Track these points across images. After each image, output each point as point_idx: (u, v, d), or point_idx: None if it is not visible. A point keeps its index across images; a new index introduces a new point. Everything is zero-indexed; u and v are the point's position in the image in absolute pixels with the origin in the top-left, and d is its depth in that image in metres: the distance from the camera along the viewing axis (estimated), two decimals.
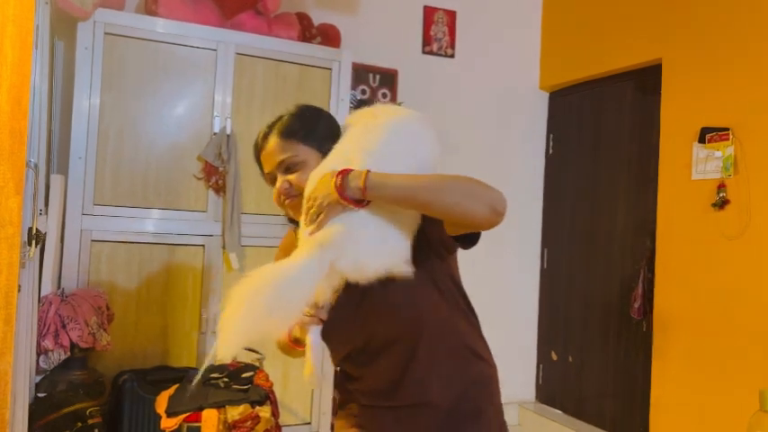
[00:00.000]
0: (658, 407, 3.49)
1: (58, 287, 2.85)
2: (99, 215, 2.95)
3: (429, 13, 4.19)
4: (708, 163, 3.21)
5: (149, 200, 3.06)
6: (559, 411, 4.30)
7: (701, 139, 3.23)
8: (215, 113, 3.16)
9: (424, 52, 4.19)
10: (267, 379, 2.73)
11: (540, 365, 4.52)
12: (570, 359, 4.27)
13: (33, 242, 1.88)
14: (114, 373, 2.90)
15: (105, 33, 2.95)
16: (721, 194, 3.12)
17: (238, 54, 3.21)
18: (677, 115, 3.45)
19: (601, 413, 4.00)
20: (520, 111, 4.52)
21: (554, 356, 4.40)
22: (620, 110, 3.99)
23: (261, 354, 2.92)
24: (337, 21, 3.77)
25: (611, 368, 3.95)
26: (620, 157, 3.97)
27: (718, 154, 3.14)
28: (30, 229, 1.86)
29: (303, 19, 3.58)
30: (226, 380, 2.71)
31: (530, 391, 4.54)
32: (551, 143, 4.53)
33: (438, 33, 4.21)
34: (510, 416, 4.44)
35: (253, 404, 2.58)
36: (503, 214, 1.26)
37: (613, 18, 3.92)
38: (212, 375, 2.74)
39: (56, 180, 2.85)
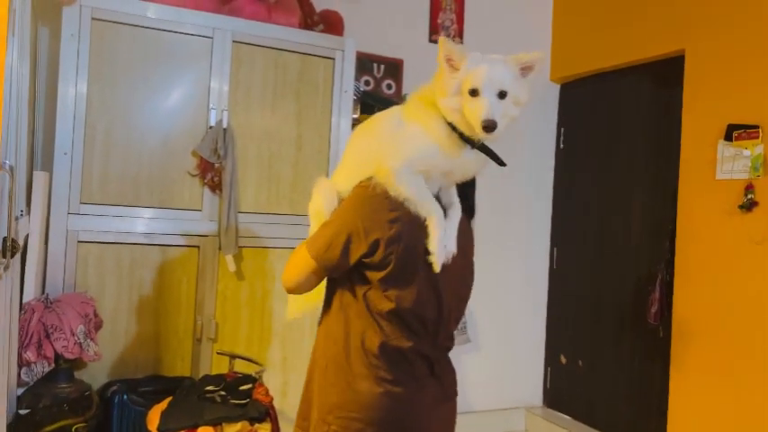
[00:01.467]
0: (676, 418, 3.33)
1: (42, 293, 2.65)
2: (86, 214, 2.75)
3: (437, 0, 3.98)
4: (735, 162, 3.03)
5: (140, 198, 2.86)
6: (568, 417, 4.15)
7: (728, 137, 3.05)
8: (211, 105, 2.95)
9: (431, 41, 3.98)
10: (267, 393, 2.55)
11: (548, 369, 4.36)
12: (580, 363, 4.11)
13: (9, 253, 1.68)
14: (102, 384, 2.72)
15: (92, 19, 2.73)
16: (749, 196, 2.95)
17: (236, 42, 3.00)
18: (701, 111, 3.26)
19: (612, 420, 3.84)
20: (529, 103, 4.31)
21: (563, 360, 4.24)
22: (638, 104, 3.80)
23: (261, 366, 2.74)
24: (340, 7, 3.56)
25: (623, 374, 3.79)
26: (637, 154, 3.78)
27: (747, 153, 2.96)
28: (4, 240, 1.67)
29: (304, 5, 3.36)
30: (222, 393, 2.53)
31: (537, 396, 4.38)
32: (563, 137, 4.34)
33: (446, 21, 4.00)
34: (516, 420, 4.32)
35: (251, 421, 2.42)
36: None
37: (631, 5, 3.71)
38: (208, 388, 2.56)
39: (39, 177, 2.65)
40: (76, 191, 2.74)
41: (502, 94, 1.42)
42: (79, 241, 2.74)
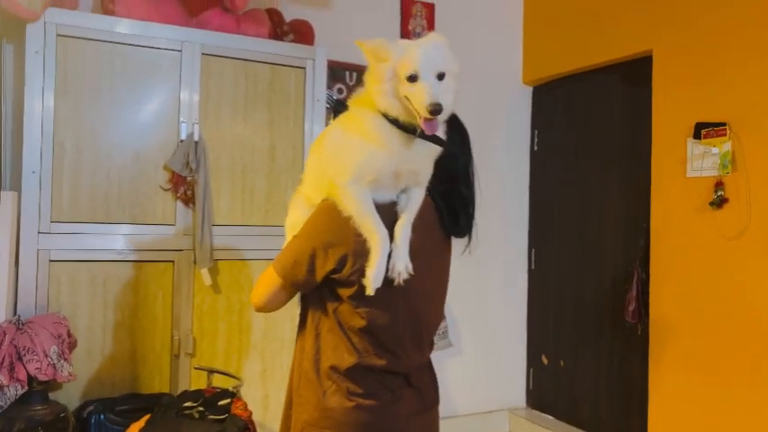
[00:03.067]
0: (657, 414, 3.36)
1: (14, 314, 2.61)
2: (57, 233, 2.72)
3: (407, 6, 3.99)
4: (704, 160, 3.07)
5: (112, 214, 2.83)
6: (551, 417, 4.17)
7: (697, 135, 3.08)
8: (181, 119, 2.93)
9: None
10: (245, 408, 2.53)
11: (531, 370, 4.37)
12: (562, 363, 4.13)
13: None
14: (79, 405, 2.68)
15: (57, 35, 2.70)
16: (719, 193, 2.98)
17: (205, 54, 2.98)
18: (670, 110, 3.30)
19: (595, 419, 3.86)
20: (503, 106, 4.35)
21: (545, 360, 4.26)
22: (609, 104, 3.83)
23: (239, 380, 2.72)
24: (310, 16, 3.55)
25: (604, 373, 3.82)
26: (610, 154, 3.82)
27: (715, 150, 3.00)
28: None
29: (274, 15, 3.35)
30: (201, 409, 2.50)
31: (520, 397, 4.40)
32: (536, 139, 4.37)
33: (416, 27, 4.01)
34: (500, 423, 4.32)
35: None
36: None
37: (600, 7, 3.75)
38: (186, 405, 2.53)
39: (7, 197, 2.61)
40: (46, 210, 2.70)
41: (440, 76, 1.38)
42: (51, 260, 2.70)
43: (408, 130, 1.41)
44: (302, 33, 3.41)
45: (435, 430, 1.65)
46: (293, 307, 1.72)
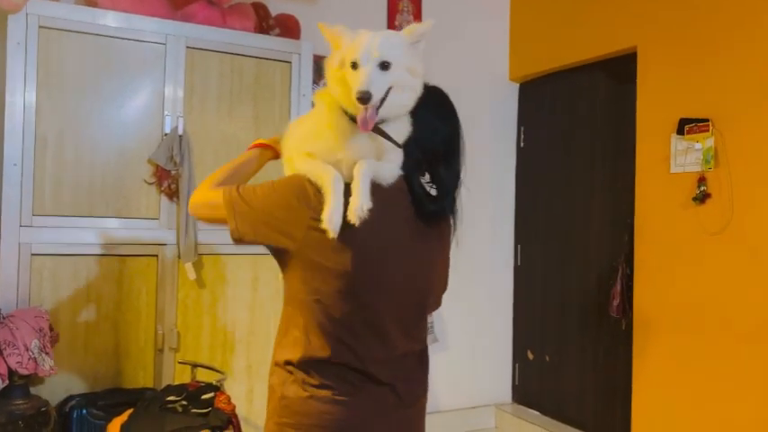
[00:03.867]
0: (640, 407, 3.38)
1: None
2: (39, 227, 2.69)
3: (393, 1, 3.99)
4: (687, 155, 3.09)
5: (96, 208, 2.81)
6: (537, 412, 4.18)
7: (680, 131, 3.11)
8: (165, 112, 2.92)
9: None
10: (229, 401, 2.52)
11: (516, 365, 4.39)
12: (547, 358, 4.15)
13: None
14: (61, 400, 2.66)
15: (40, 27, 2.68)
16: (702, 188, 3.01)
17: (189, 48, 2.97)
18: (654, 106, 3.32)
19: (580, 414, 3.88)
20: (489, 103, 4.36)
21: (530, 356, 4.28)
22: (594, 100, 3.85)
23: (222, 373, 2.71)
24: (296, 10, 3.54)
25: (590, 368, 3.84)
26: (595, 150, 3.84)
27: (698, 146, 3.02)
28: None
29: (259, 9, 3.34)
30: (184, 403, 2.50)
31: (506, 392, 4.41)
32: (523, 135, 4.38)
33: (403, 23, 4.01)
34: (486, 418, 4.33)
35: (213, 430, 2.38)
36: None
37: (585, 5, 3.77)
38: (169, 398, 2.52)
39: None
40: (28, 203, 2.68)
41: (384, 65, 1.32)
42: (33, 254, 2.68)
43: (355, 120, 1.36)
44: (288, 28, 3.41)
45: (415, 429, 1.56)
46: (279, 302, 1.70)
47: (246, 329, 3.09)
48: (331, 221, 1.31)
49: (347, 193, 1.34)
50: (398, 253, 1.43)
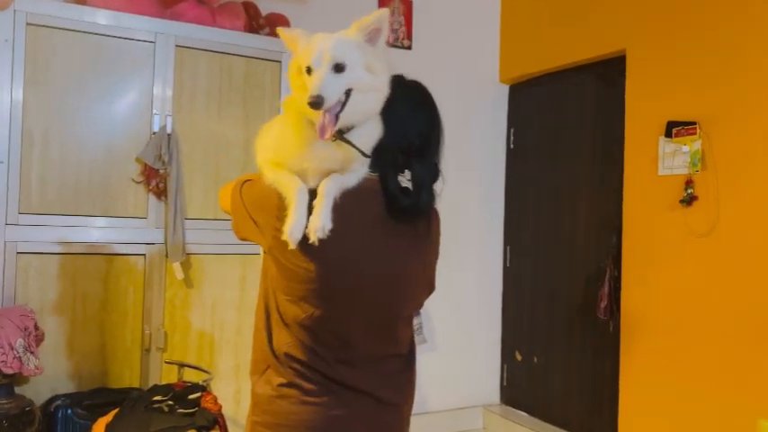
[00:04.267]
0: (627, 409, 3.40)
1: None
2: (25, 225, 2.68)
3: (384, 2, 3.99)
4: (675, 158, 3.11)
5: (83, 206, 2.79)
6: (525, 413, 4.19)
7: (668, 134, 3.12)
8: (154, 111, 2.90)
9: None
10: (215, 401, 2.51)
11: (505, 366, 4.40)
12: (535, 360, 4.16)
13: None
14: (46, 399, 2.64)
15: (27, 24, 2.66)
16: (689, 191, 3.03)
17: (179, 46, 2.96)
18: (642, 108, 3.34)
19: (567, 415, 3.90)
20: (479, 104, 4.37)
21: (518, 357, 4.29)
22: (583, 103, 3.87)
23: (209, 373, 2.70)
24: (286, 10, 3.54)
25: (577, 369, 3.85)
26: (584, 152, 3.85)
27: (686, 149, 3.04)
28: None
29: (249, 8, 3.33)
30: (170, 403, 2.49)
31: (494, 393, 4.42)
32: (512, 137, 4.40)
33: (394, 24, 4.02)
34: (474, 419, 4.34)
35: (200, 430, 2.38)
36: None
37: (575, 8, 3.79)
38: (155, 398, 2.52)
39: None
40: (14, 200, 2.66)
41: (338, 67, 1.27)
42: (18, 252, 2.66)
43: None
44: (278, 27, 3.39)
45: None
46: None
47: (234, 330, 3.08)
48: (291, 234, 1.28)
49: (311, 204, 1.31)
50: (368, 256, 1.38)
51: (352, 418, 1.40)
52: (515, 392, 4.32)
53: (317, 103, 1.23)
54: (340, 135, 1.32)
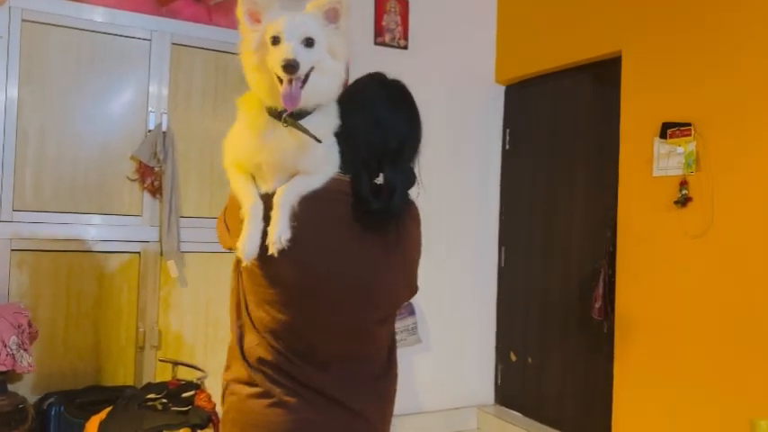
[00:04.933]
0: (621, 409, 3.40)
1: None
2: (20, 222, 2.67)
3: (381, 1, 3.99)
4: (670, 159, 3.11)
5: (78, 204, 2.79)
6: (519, 414, 4.19)
7: (663, 135, 3.13)
8: (150, 109, 2.91)
9: (376, 43, 3.99)
10: (209, 400, 2.51)
11: (499, 366, 4.40)
12: (530, 360, 4.16)
13: None
14: (39, 397, 2.64)
15: (23, 20, 2.66)
16: (684, 192, 3.03)
17: (175, 44, 2.96)
18: (637, 110, 3.35)
19: (561, 416, 3.90)
20: (475, 105, 4.37)
21: (513, 357, 4.29)
22: (579, 104, 3.87)
23: (203, 371, 2.69)
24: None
25: (571, 370, 3.85)
26: (579, 153, 3.86)
27: (680, 150, 3.05)
28: None
29: None
30: (164, 401, 2.48)
31: (488, 394, 4.42)
32: (508, 138, 4.40)
33: (390, 23, 4.02)
34: (468, 419, 4.34)
35: (193, 428, 2.37)
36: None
37: (571, 9, 3.79)
38: (149, 396, 2.51)
39: None
40: (9, 198, 2.66)
41: (308, 42, 1.25)
42: (12, 249, 2.66)
43: (274, 115, 1.29)
44: None
45: None
46: None
47: (228, 328, 3.06)
48: (244, 250, 1.27)
49: (267, 215, 1.28)
50: (334, 259, 1.33)
51: (320, 424, 1.35)
52: (510, 393, 4.32)
53: (292, 66, 1.19)
54: (292, 120, 1.27)
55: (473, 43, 4.35)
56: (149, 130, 2.88)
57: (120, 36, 2.85)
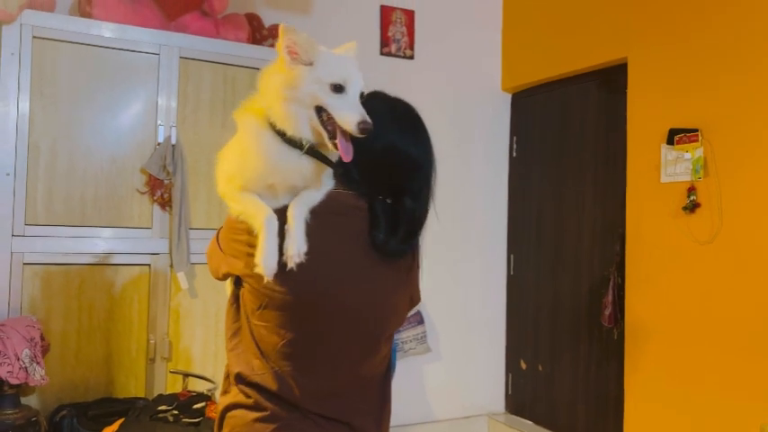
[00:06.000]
0: (632, 417, 3.39)
1: None
2: (31, 236, 2.70)
3: (386, 12, 4.02)
4: (677, 165, 3.11)
5: (88, 217, 2.81)
6: (530, 422, 4.18)
7: (670, 141, 3.13)
8: (159, 122, 2.93)
9: (382, 53, 4.02)
10: None
11: (509, 375, 4.39)
12: (540, 368, 4.15)
13: None
14: (52, 410, 2.65)
15: (34, 37, 2.69)
16: (692, 198, 3.03)
17: (183, 58, 2.98)
18: (644, 116, 3.35)
19: (573, 423, 3.89)
20: (482, 113, 4.39)
21: (523, 365, 4.28)
22: (586, 111, 3.88)
23: (213, 383, 2.71)
24: (290, 21, 3.52)
25: (582, 377, 3.84)
26: (587, 159, 3.86)
27: (688, 156, 3.05)
28: None
29: (253, 20, 3.37)
30: (175, 412, 2.50)
31: (499, 402, 4.41)
32: (515, 146, 4.41)
33: (396, 34, 4.04)
34: (479, 428, 4.33)
35: None
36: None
37: (577, 16, 3.81)
38: (160, 408, 2.53)
39: None
40: (20, 212, 2.68)
41: (362, 96, 1.28)
42: (25, 263, 2.68)
43: (294, 144, 1.29)
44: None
45: None
46: None
47: None
48: (266, 266, 1.24)
49: (282, 231, 1.26)
50: (348, 272, 1.32)
51: None
52: (520, 401, 4.31)
53: (368, 130, 1.21)
54: (315, 150, 1.29)
55: (479, 52, 4.37)
56: (158, 143, 2.91)
57: (129, 51, 2.88)
